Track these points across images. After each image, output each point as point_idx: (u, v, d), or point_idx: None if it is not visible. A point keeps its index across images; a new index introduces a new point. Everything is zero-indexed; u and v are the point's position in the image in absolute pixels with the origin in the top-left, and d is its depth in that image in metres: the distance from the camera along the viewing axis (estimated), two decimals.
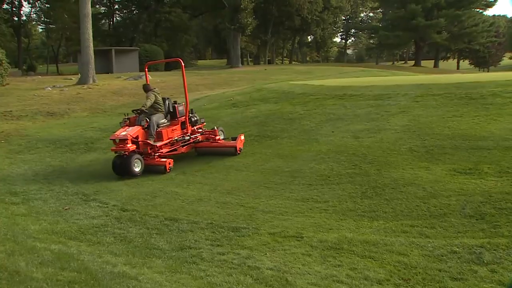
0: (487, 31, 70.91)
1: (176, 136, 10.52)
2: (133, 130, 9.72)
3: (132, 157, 9.42)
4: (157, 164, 9.79)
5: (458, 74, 32.33)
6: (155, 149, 10.00)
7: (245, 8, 46.30)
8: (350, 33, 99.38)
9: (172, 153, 10.39)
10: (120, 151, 9.51)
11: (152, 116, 10.14)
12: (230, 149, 10.38)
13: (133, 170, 9.39)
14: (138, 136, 9.76)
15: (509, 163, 7.04)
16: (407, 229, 5.50)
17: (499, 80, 12.49)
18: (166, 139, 10.21)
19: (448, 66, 79.26)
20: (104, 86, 24.81)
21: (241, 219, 6.37)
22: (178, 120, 10.79)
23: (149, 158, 9.89)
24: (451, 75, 25.27)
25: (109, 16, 59.94)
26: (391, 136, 9.29)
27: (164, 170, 9.63)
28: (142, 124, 9.91)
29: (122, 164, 9.44)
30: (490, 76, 15.22)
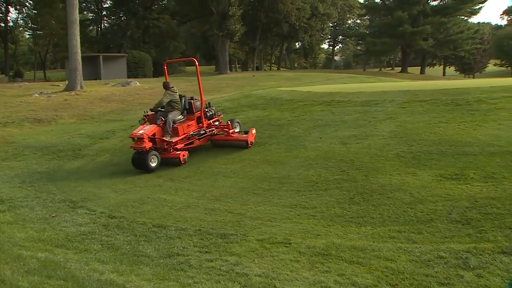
0: (472, 38, 71.80)
1: (192, 131, 11.22)
2: (149, 128, 10.46)
3: (149, 154, 10.18)
4: (172, 157, 10.62)
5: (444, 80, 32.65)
6: (171, 145, 10.74)
7: (233, 14, 46.43)
8: (338, 39, 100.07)
9: (188, 146, 11.13)
10: (138, 148, 10.24)
11: (168, 114, 10.80)
12: (242, 142, 11.08)
13: (149, 166, 10.18)
14: (154, 134, 10.48)
15: (494, 168, 7.11)
16: (394, 235, 5.53)
17: (484, 86, 12.62)
18: (182, 135, 10.94)
19: (434, 72, 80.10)
20: (92, 93, 24.70)
21: (229, 226, 6.37)
22: (195, 115, 11.40)
23: (165, 153, 10.70)
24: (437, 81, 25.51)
25: (97, 22, 59.75)
26: (379, 142, 9.34)
27: (179, 162, 10.45)
28: (158, 123, 10.61)
29: (140, 159, 10.26)
30: (475, 83, 15.38)
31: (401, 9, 64.48)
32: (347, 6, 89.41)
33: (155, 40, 56.36)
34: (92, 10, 59.99)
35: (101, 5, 58.84)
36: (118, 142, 13.79)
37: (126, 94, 24.84)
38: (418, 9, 65.86)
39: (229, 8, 46.15)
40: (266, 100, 15.79)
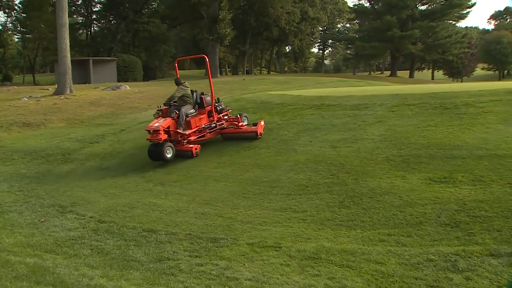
0: (460, 42, 72.50)
1: (203, 124, 11.80)
2: (164, 121, 10.95)
3: (164, 145, 10.63)
4: (185, 149, 11.12)
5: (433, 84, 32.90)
6: (185, 137, 11.25)
7: (223, 18, 46.51)
8: (328, 43, 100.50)
9: (200, 139, 11.69)
10: (154, 140, 10.70)
11: (181, 107, 11.31)
12: (251, 134, 11.64)
13: (165, 156, 10.64)
14: (169, 127, 10.97)
15: (482, 171, 7.17)
16: (384, 238, 5.56)
17: (472, 90, 12.72)
18: (194, 128, 11.49)
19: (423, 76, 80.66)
20: (81, 97, 24.57)
21: (220, 230, 6.37)
22: (205, 109, 11.97)
23: (179, 145, 11.15)
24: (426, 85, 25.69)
25: (86, 26, 59.47)
26: (368, 145, 9.38)
27: (191, 155, 10.97)
28: (172, 116, 11.10)
29: (156, 151, 10.69)
30: (464, 87, 15.50)
31: (390, 13, 64.99)
32: (337, 10, 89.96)
33: (145, 44, 56.24)
34: (82, 13, 59.70)
35: (91, 9, 58.62)
36: (107, 146, 13.73)
37: (116, 98, 24.74)
38: (406, 14, 66.44)
39: (219, 12, 46.23)
40: (256, 104, 15.81)
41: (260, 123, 11.86)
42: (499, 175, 6.92)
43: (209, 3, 47.18)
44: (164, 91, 28.11)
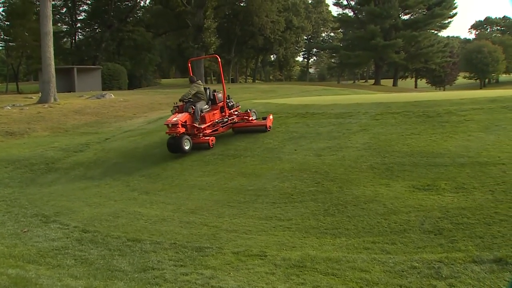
0: (442, 52, 73.52)
1: (217, 119, 12.61)
2: (182, 116, 11.66)
3: (182, 138, 11.37)
4: (202, 142, 11.92)
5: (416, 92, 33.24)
6: (200, 130, 12.01)
7: (208, 27, 46.63)
8: (312, 52, 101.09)
9: (214, 132, 12.45)
10: (172, 133, 11.45)
11: (196, 103, 12.03)
12: (261, 127, 12.52)
13: (183, 148, 11.37)
14: (186, 121, 11.67)
15: (464, 179, 7.25)
16: (368, 246, 5.59)
17: (454, 98, 12.90)
18: (208, 122, 12.27)
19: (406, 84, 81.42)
20: (65, 105, 24.37)
21: (205, 239, 6.35)
22: (218, 106, 12.77)
23: (195, 138, 11.87)
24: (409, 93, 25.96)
25: (71, 34, 59.09)
26: (353, 153, 9.44)
27: (208, 146, 11.81)
28: (189, 111, 11.81)
29: (174, 143, 11.45)
30: (446, 95, 15.72)
31: (373, 22, 65.72)
32: (321, 19, 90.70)
33: (130, 52, 56.09)
34: (66, 22, 59.36)
35: (76, 17, 58.30)
36: (92, 155, 13.63)
37: (101, 106, 24.59)
38: (390, 23, 67.26)
39: (204, 21, 46.36)
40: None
41: (269, 117, 12.74)
42: (481, 182, 7.01)
43: (194, 12, 47.30)
44: (149, 99, 28.05)
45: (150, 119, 20.28)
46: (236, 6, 62.37)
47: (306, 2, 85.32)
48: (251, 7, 58.98)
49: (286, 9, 69.60)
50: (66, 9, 57.53)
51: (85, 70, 42.58)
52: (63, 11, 57.83)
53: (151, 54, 58.53)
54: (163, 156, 12.06)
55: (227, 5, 58.96)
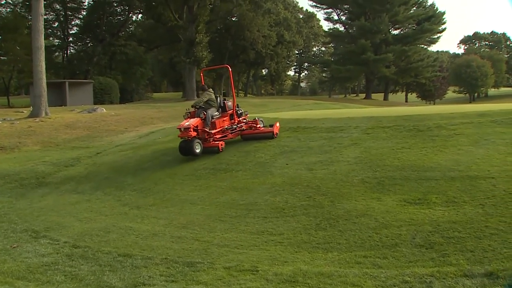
0: (431, 66, 74.45)
1: (226, 125, 13.25)
2: (194, 121, 12.33)
3: (193, 141, 12.04)
4: (212, 146, 12.52)
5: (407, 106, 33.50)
6: (211, 135, 12.65)
7: (200, 41, 46.75)
8: (303, 66, 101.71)
9: (223, 138, 13.02)
10: (185, 137, 12.11)
11: (207, 110, 12.74)
12: (268, 134, 13.12)
13: (194, 151, 12.02)
14: (198, 126, 12.33)
15: (455, 193, 7.29)
16: (360, 260, 5.58)
17: (444, 113, 13.01)
18: (218, 128, 12.92)
19: (397, 98, 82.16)
20: (57, 119, 24.30)
21: (196, 254, 6.32)
22: (228, 113, 13.43)
23: (206, 142, 12.52)
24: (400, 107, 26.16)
25: (63, 48, 59.12)
26: (344, 168, 9.46)
27: (218, 150, 12.36)
28: (201, 117, 12.50)
29: (186, 147, 12.10)
30: (436, 109, 15.86)
31: (364, 37, 66.43)
32: (312, 34, 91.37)
33: (122, 66, 56.12)
34: (58, 36, 59.39)
35: (68, 31, 58.39)
36: (83, 170, 13.57)
37: (92, 120, 24.55)
38: (380, 38, 68.05)
39: (196, 35, 46.48)
40: None
41: (275, 125, 13.36)
42: (471, 196, 7.05)
43: (186, 27, 47.44)
44: (141, 113, 28.05)
45: (141, 133, 20.26)
46: (228, 20, 62.74)
47: (298, 17, 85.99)
48: (243, 22, 59.36)
49: (277, 23, 70.10)
50: (58, 24, 57.68)
51: (77, 84, 42.52)
52: (55, 25, 57.96)
53: (143, 68, 58.59)
54: (154, 170, 12.04)
55: (219, 19, 59.23)
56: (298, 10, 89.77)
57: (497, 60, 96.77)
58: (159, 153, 13.97)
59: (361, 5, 68.81)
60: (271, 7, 67.54)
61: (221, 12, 57.78)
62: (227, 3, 55.67)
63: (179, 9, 49.55)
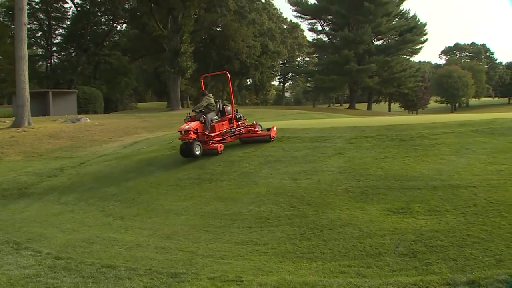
0: (414, 76, 75.40)
1: (225, 129, 13.79)
2: (194, 124, 12.80)
3: (194, 143, 12.54)
4: (211, 148, 12.97)
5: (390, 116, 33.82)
6: (210, 138, 13.16)
7: (185, 51, 46.85)
8: (288, 76, 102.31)
9: (222, 141, 13.53)
10: (185, 139, 12.59)
11: (207, 114, 13.28)
12: (265, 137, 13.57)
13: (194, 153, 12.53)
14: (198, 129, 12.80)
15: (437, 202, 7.37)
16: (344, 269, 5.60)
17: (426, 122, 13.15)
18: (217, 131, 13.49)
19: (380, 108, 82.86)
20: (40, 129, 24.07)
21: (180, 264, 6.29)
22: (227, 117, 13.99)
23: (205, 145, 12.98)
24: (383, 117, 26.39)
25: (46, 58, 58.70)
26: (328, 177, 9.51)
27: (217, 152, 12.86)
28: (201, 120, 12.99)
29: (187, 148, 12.61)
30: (418, 119, 16.03)
31: (347, 48, 67.10)
32: (296, 44, 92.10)
33: (106, 76, 55.89)
34: (42, 45, 58.98)
35: (51, 41, 58.02)
36: (66, 180, 13.45)
37: (76, 130, 24.36)
38: (363, 48, 68.78)
39: (180, 45, 46.58)
40: None
41: (273, 129, 13.87)
42: (453, 205, 7.13)
43: (171, 37, 47.54)
44: (125, 123, 27.90)
45: (125, 143, 20.15)
46: (212, 31, 63.01)
47: (282, 28, 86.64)
48: (228, 32, 59.63)
49: (262, 34, 70.51)
50: (42, 33, 57.27)
51: (61, 93, 42.18)
52: (39, 35, 57.50)
53: (128, 78, 58.42)
54: (138, 180, 11.98)
55: (203, 29, 59.49)
56: (282, 21, 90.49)
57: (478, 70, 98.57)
58: (143, 163, 13.90)
59: (345, 16, 69.57)
60: (256, 17, 67.97)
61: (205, 22, 58.10)
62: (212, 13, 55.99)
63: (164, 19, 49.71)
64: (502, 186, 7.51)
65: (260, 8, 71.91)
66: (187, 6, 47.17)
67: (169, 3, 46.12)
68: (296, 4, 76.95)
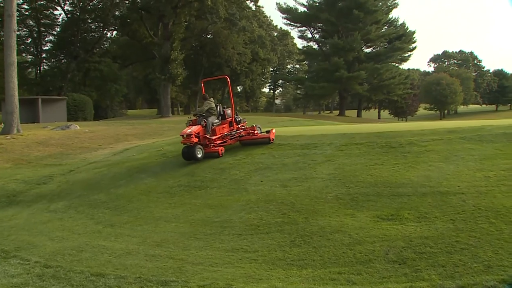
0: (403, 84, 75.90)
1: (226, 132, 14.19)
2: (195, 128, 13.23)
3: (195, 147, 12.95)
4: (212, 151, 13.36)
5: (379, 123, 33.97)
6: (211, 141, 13.55)
7: (175, 59, 46.83)
8: (278, 83, 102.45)
9: (223, 144, 13.91)
10: (187, 143, 12.97)
11: (208, 118, 13.69)
12: (265, 139, 14.00)
13: (196, 156, 12.92)
14: (199, 132, 13.22)
15: (426, 208, 7.42)
16: (335, 277, 5.62)
17: (415, 129, 13.24)
18: (218, 134, 13.85)
19: (370, 115, 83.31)
20: (29, 136, 23.89)
21: (170, 272, 6.27)
22: (227, 120, 14.41)
23: (207, 148, 13.37)
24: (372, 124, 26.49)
25: (36, 64, 58.21)
26: (318, 184, 9.54)
27: (218, 155, 13.18)
28: (202, 124, 13.43)
29: (188, 152, 13.02)
30: (407, 126, 16.12)
31: (337, 55, 67.42)
32: (287, 51, 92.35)
33: (96, 83, 55.61)
34: (31, 52, 58.49)
35: (41, 48, 57.58)
36: (55, 188, 13.36)
37: (66, 137, 24.21)
38: (353, 56, 69.17)
39: (171, 52, 46.56)
40: None
41: (272, 131, 14.35)
42: (442, 211, 7.18)
43: (161, 44, 47.50)
44: (115, 130, 27.79)
45: (115, 150, 20.06)
46: (203, 38, 63.03)
47: (272, 35, 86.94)
48: (218, 39, 59.72)
49: (252, 41, 70.67)
50: (31, 40, 56.86)
51: (50, 100, 41.90)
52: (28, 42, 57.12)
53: (118, 85, 58.17)
54: (128, 188, 11.93)
55: (194, 37, 59.52)
56: (273, 28, 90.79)
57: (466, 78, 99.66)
58: (133, 171, 13.86)
59: (334, 24, 69.93)
60: (246, 25, 68.08)
61: (196, 29, 58.13)
62: (202, 20, 56.05)
63: (154, 26, 49.71)
64: (490, 193, 7.59)
65: (251, 16, 71.97)
66: (178, 13, 47.21)
67: (160, 11, 46.13)
68: (286, 11, 77.27)
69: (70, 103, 43.03)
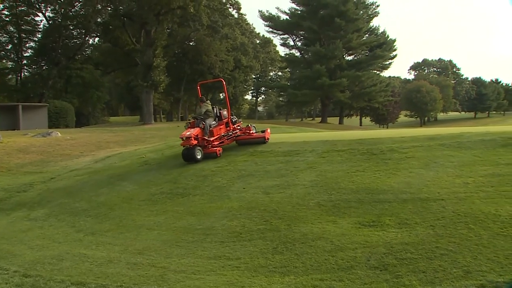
0: (384, 91, 76.75)
1: (223, 133, 14.81)
2: (194, 130, 13.84)
3: (195, 148, 13.54)
4: (211, 151, 13.94)
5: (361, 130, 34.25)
6: (209, 142, 14.13)
7: (158, 66, 46.68)
8: (261, 91, 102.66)
9: (221, 144, 14.54)
10: (186, 145, 13.55)
11: (206, 120, 14.32)
12: (260, 139, 14.80)
13: (196, 157, 13.48)
14: (198, 135, 13.80)
15: (407, 214, 7.49)
16: (317, 283, 5.64)
17: (396, 136, 13.38)
18: (216, 135, 14.47)
19: (352, 122, 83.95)
20: (9, 144, 23.56)
21: (152, 280, 6.24)
22: (223, 121, 15.03)
23: (205, 149, 13.95)
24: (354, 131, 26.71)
25: (16, 71, 57.46)
26: (300, 191, 9.58)
27: (216, 155, 13.79)
28: (200, 126, 14.07)
29: (188, 153, 13.58)
30: (388, 133, 16.28)
31: (319, 63, 67.93)
32: (269, 59, 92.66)
33: (78, 90, 55.03)
34: (12, 58, 57.75)
35: (22, 54, 56.90)
36: (36, 195, 13.19)
37: (46, 145, 23.93)
38: (334, 63, 69.79)
39: (153, 59, 46.40)
40: None
41: (267, 131, 15.13)
42: (423, 218, 7.26)
43: (144, 51, 47.31)
44: (97, 137, 27.57)
45: (97, 157, 19.90)
46: (185, 45, 62.91)
47: (254, 42, 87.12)
48: (201, 47, 59.63)
49: (234, 48, 70.73)
50: (12, 46, 56.16)
51: (31, 107, 41.43)
52: (9, 48, 56.41)
53: (100, 92, 57.72)
54: (110, 195, 11.84)
55: (176, 44, 59.37)
56: (255, 36, 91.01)
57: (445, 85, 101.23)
58: (115, 178, 13.76)
59: (316, 32, 70.49)
60: (228, 32, 68.25)
61: (178, 36, 58.05)
62: (185, 28, 56.04)
63: (137, 33, 49.52)
64: (469, 199, 7.70)
65: (233, 23, 72.17)
66: (160, 20, 47.11)
67: (142, 18, 45.99)
68: (268, 19, 77.69)
69: (52, 110, 42.62)
